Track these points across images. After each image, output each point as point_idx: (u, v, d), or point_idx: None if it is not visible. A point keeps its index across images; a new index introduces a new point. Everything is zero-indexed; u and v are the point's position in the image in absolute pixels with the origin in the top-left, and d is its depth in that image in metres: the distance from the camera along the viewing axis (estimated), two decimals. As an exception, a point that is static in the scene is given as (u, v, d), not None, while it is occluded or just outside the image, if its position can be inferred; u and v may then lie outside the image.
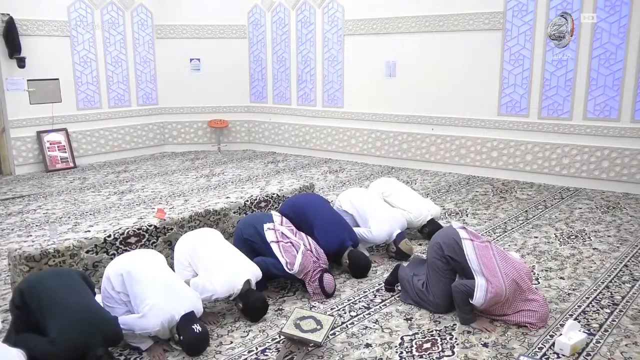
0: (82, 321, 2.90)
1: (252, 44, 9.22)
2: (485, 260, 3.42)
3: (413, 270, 3.86)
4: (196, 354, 3.14)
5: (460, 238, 3.55)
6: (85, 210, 5.92)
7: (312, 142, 8.97)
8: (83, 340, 2.86)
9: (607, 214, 5.75)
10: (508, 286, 3.35)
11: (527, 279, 3.46)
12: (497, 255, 3.49)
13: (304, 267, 3.83)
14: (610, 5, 6.41)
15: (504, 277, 3.36)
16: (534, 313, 3.38)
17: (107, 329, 2.98)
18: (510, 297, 3.37)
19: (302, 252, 3.90)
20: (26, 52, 7.57)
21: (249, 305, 3.51)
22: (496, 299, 3.34)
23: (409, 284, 3.74)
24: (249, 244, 4.03)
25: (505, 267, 3.42)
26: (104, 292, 3.27)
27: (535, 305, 3.39)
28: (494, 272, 3.38)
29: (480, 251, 3.47)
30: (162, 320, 3.09)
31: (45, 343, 2.83)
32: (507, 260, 3.47)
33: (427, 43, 7.68)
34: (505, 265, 3.43)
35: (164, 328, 3.13)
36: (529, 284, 3.48)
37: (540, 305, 3.40)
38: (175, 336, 3.16)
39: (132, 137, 8.93)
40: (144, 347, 3.17)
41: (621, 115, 6.55)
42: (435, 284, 3.61)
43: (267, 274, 3.81)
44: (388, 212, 4.77)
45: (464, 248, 3.50)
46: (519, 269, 3.45)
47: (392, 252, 4.56)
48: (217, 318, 3.57)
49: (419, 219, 4.93)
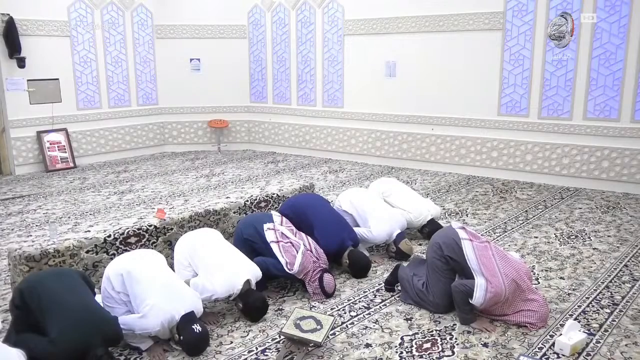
0: (82, 321, 2.90)
1: (252, 44, 9.22)
2: (484, 260, 3.43)
3: (413, 270, 3.86)
4: (196, 354, 3.14)
5: (459, 238, 3.55)
6: (85, 210, 5.92)
7: (312, 142, 8.97)
8: (83, 340, 2.86)
9: (607, 214, 5.75)
10: (508, 286, 3.35)
11: (526, 279, 3.46)
12: (497, 255, 3.49)
13: (304, 267, 3.83)
14: (610, 5, 6.41)
15: (504, 277, 3.37)
16: (534, 313, 3.38)
17: (107, 329, 2.98)
18: (509, 297, 3.37)
19: (302, 252, 3.90)
20: (26, 52, 7.57)
21: (249, 305, 3.50)
22: (496, 298, 3.35)
23: (409, 284, 3.74)
24: (249, 244, 4.02)
25: (505, 267, 3.42)
26: (104, 292, 3.27)
27: (535, 305, 3.39)
28: (494, 272, 3.38)
29: (480, 251, 3.47)
30: (162, 320, 3.09)
31: (45, 343, 2.83)
32: (506, 260, 3.48)
33: (427, 43, 7.68)
34: (504, 265, 3.43)
35: (164, 328, 3.13)
36: (529, 283, 3.48)
37: (540, 305, 3.40)
38: (175, 336, 3.16)
39: (132, 137, 8.93)
40: (144, 347, 3.17)
41: (621, 115, 6.55)
42: (435, 284, 3.61)
43: (267, 274, 3.81)
44: (388, 212, 4.77)
45: (464, 248, 3.50)
46: (518, 269, 3.45)
47: (392, 252, 4.56)
48: (217, 318, 3.57)
49: (419, 219, 4.93)
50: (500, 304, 3.39)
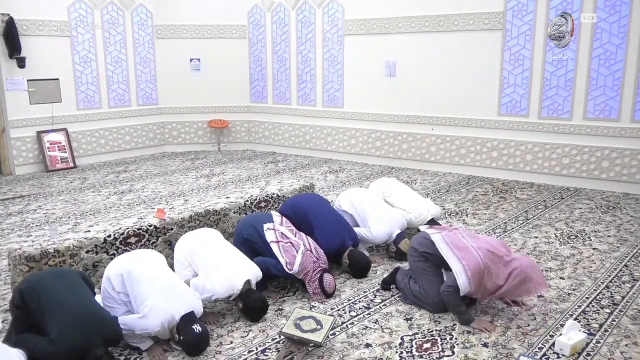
0: (82, 321, 2.90)
1: (252, 44, 9.22)
2: (456, 243, 3.56)
3: (410, 273, 3.88)
4: (196, 354, 3.14)
5: (428, 234, 3.71)
6: (85, 210, 5.92)
7: (312, 142, 8.97)
8: (83, 340, 2.86)
9: (607, 214, 5.75)
10: (483, 256, 3.42)
11: (501, 247, 3.55)
12: (467, 236, 3.64)
13: (304, 267, 3.83)
14: (610, 5, 6.41)
15: (477, 250, 3.47)
16: (524, 269, 3.37)
17: (107, 329, 2.98)
18: (491, 266, 3.41)
19: (301, 252, 3.90)
20: (26, 52, 7.57)
21: (249, 305, 3.50)
22: (478, 274, 3.38)
23: (406, 288, 3.77)
24: (249, 244, 4.02)
25: (477, 242, 3.55)
26: (104, 292, 3.27)
27: (520, 262, 3.42)
28: (466, 249, 3.49)
29: (450, 238, 3.61)
30: (162, 320, 3.09)
31: (45, 343, 2.83)
32: (477, 238, 3.65)
33: (427, 43, 7.68)
34: (476, 241, 3.56)
35: (164, 328, 3.13)
36: (505, 250, 3.55)
37: (526, 261, 3.45)
38: (175, 336, 3.16)
39: (132, 137, 8.93)
40: (144, 347, 3.17)
41: (621, 115, 6.55)
42: (428, 284, 3.65)
43: (267, 274, 3.81)
44: (388, 212, 4.77)
45: (435, 241, 3.63)
46: (490, 242, 3.58)
47: (392, 252, 4.56)
48: (217, 318, 3.57)
49: (419, 219, 4.92)
50: (488, 278, 3.40)
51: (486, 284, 3.42)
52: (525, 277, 3.36)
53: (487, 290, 3.45)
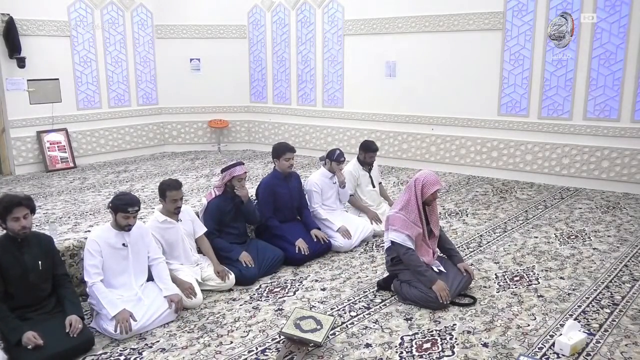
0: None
1: (252, 44, 9.22)
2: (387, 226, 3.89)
3: (402, 279, 3.87)
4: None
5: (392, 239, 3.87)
6: (85, 210, 5.91)
7: (312, 142, 8.97)
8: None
9: (607, 214, 5.75)
10: (399, 210, 3.80)
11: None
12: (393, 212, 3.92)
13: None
14: (610, 5, 6.41)
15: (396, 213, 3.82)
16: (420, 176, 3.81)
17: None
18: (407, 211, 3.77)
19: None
20: (26, 52, 7.56)
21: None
22: (404, 223, 3.73)
23: (405, 293, 3.79)
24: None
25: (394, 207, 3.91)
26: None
27: (410, 180, 3.85)
28: (392, 220, 3.82)
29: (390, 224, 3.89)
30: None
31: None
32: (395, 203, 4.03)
33: (427, 43, 7.68)
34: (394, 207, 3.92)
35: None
36: None
37: (417, 175, 3.82)
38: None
39: (132, 137, 8.93)
40: (112, 313, 3.34)
41: (621, 115, 6.55)
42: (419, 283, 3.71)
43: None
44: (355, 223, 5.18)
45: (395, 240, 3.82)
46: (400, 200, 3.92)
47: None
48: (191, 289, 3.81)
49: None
50: (414, 218, 3.76)
51: (432, 224, 3.89)
52: (417, 179, 3.77)
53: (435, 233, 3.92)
